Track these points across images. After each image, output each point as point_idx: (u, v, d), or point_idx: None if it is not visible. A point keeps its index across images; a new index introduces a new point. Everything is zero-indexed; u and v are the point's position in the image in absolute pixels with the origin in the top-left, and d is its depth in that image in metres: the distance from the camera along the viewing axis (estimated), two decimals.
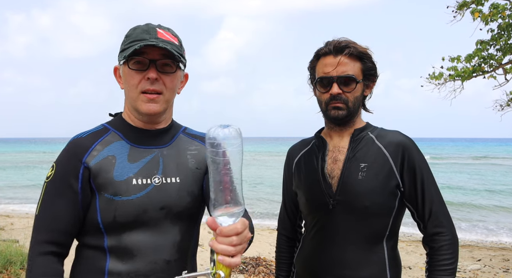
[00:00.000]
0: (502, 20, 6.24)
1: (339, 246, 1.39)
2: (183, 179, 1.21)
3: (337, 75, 1.38)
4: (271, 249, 5.96)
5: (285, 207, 1.66)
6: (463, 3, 6.71)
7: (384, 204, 1.36)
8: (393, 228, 1.40)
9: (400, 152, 1.37)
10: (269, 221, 9.25)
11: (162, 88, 1.15)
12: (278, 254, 1.66)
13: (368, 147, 1.41)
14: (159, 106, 1.16)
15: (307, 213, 1.51)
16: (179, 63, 1.19)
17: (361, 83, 1.42)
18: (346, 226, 1.38)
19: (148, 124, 1.22)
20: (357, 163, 1.39)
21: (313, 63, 1.49)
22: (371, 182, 1.35)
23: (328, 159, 1.46)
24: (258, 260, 5.17)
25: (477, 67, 6.81)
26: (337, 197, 1.38)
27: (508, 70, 6.88)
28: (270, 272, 4.76)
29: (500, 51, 6.61)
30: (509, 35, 6.32)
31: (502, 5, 6.14)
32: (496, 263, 5.89)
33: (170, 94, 1.19)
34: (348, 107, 1.40)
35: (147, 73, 1.13)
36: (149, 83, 1.13)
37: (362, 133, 1.46)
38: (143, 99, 1.15)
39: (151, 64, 1.13)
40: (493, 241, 7.85)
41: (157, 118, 1.21)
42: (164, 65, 1.16)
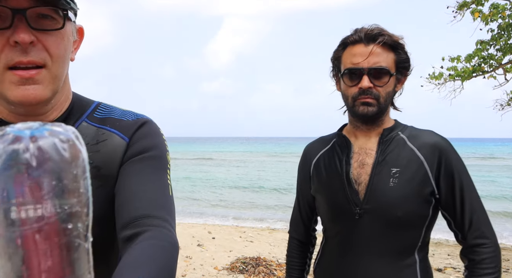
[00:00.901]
0: (502, 20, 6.24)
1: (366, 259, 1.24)
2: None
3: (368, 67, 1.20)
4: (271, 249, 5.97)
5: (299, 210, 1.50)
6: (463, 3, 6.71)
7: (417, 213, 1.21)
8: (425, 237, 1.25)
9: (436, 155, 1.21)
10: (269, 221, 9.25)
11: (44, 58, 0.69)
12: (290, 258, 1.52)
13: (400, 149, 1.25)
14: (42, 88, 0.70)
15: (328, 220, 1.36)
16: (67, 11, 0.72)
17: (394, 76, 1.25)
18: (374, 238, 1.23)
19: (28, 118, 0.75)
20: (387, 168, 1.23)
21: (339, 53, 1.30)
22: (404, 189, 1.20)
23: (354, 162, 1.29)
24: (258, 260, 5.17)
25: (477, 67, 6.81)
26: (365, 206, 1.23)
27: (508, 70, 6.88)
28: (270, 272, 4.76)
29: (500, 51, 6.62)
30: (509, 35, 6.32)
31: (502, 5, 6.14)
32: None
33: (59, 66, 0.72)
34: (379, 104, 1.22)
35: (13, 33, 0.66)
36: (19, 52, 0.67)
37: (392, 133, 1.28)
38: (13, 80, 0.68)
39: (17, 18, 0.66)
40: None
41: (41, 107, 0.75)
42: (40, 17, 0.69)
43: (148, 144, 0.81)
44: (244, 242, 6.35)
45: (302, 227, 1.50)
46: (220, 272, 4.82)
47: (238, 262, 5.07)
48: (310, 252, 1.51)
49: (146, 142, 0.81)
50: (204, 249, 5.82)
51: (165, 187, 0.77)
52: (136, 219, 0.69)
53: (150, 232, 0.67)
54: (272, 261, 5.24)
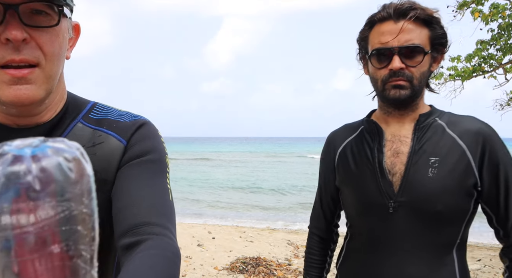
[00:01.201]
0: (502, 20, 6.24)
1: (399, 258, 1.13)
2: None
3: (399, 46, 1.08)
4: (271, 249, 5.97)
5: (320, 203, 1.38)
6: (463, 3, 6.71)
7: (458, 207, 1.09)
8: (464, 234, 1.13)
9: (480, 143, 1.08)
10: (269, 221, 9.25)
11: (37, 57, 0.66)
12: (308, 255, 1.42)
13: (438, 137, 1.12)
14: (36, 88, 0.66)
15: (355, 215, 1.24)
16: (63, 7, 0.68)
17: (428, 55, 1.11)
18: (410, 234, 1.12)
19: (21, 119, 0.72)
20: (425, 157, 1.11)
21: (365, 32, 1.18)
22: (445, 181, 1.08)
23: (387, 150, 1.17)
24: (258, 260, 5.17)
25: (477, 67, 6.81)
26: (400, 198, 1.12)
27: (508, 70, 6.88)
28: (270, 272, 4.76)
29: (500, 51, 6.62)
30: (509, 35, 6.32)
31: (502, 5, 6.14)
32: (496, 263, 5.88)
33: (53, 65, 0.68)
34: (412, 86, 1.10)
35: (5, 30, 0.62)
36: (11, 50, 0.63)
37: (429, 119, 1.16)
38: (4, 79, 0.64)
39: (8, 13, 0.62)
40: (493, 241, 7.84)
41: (34, 108, 0.71)
42: (34, 13, 0.65)
43: (146, 147, 0.77)
44: (244, 242, 6.34)
45: (323, 222, 1.39)
46: (220, 272, 4.82)
47: (238, 262, 5.07)
48: (331, 250, 1.40)
49: (144, 144, 0.78)
50: (204, 249, 5.82)
51: (165, 191, 0.75)
52: (136, 227, 0.67)
53: (151, 241, 0.64)
54: (272, 261, 5.24)
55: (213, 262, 5.16)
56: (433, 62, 1.16)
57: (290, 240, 6.56)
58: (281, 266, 5.01)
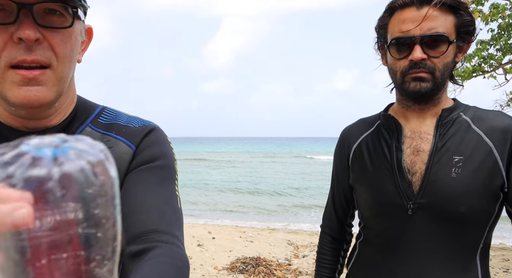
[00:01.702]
0: (502, 20, 6.24)
1: (417, 263, 1.05)
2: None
3: (421, 34, 0.99)
4: (271, 249, 5.97)
5: (333, 203, 1.31)
6: None
7: (482, 210, 1.01)
8: (487, 239, 1.06)
9: (508, 141, 1.00)
10: (269, 221, 9.25)
11: (49, 58, 0.64)
12: (320, 256, 1.34)
13: (463, 134, 1.04)
14: (46, 90, 0.65)
15: (370, 216, 1.17)
16: (77, 8, 0.67)
17: (453, 44, 1.02)
18: (429, 237, 1.04)
19: (30, 122, 0.71)
20: (449, 155, 1.03)
21: (385, 20, 1.08)
22: (469, 181, 1.00)
23: (406, 148, 1.09)
24: (258, 260, 5.17)
25: (477, 67, 6.81)
26: (420, 200, 1.04)
27: (508, 70, 6.89)
28: (270, 272, 4.76)
29: (500, 51, 6.62)
30: (509, 35, 6.32)
31: (502, 5, 6.14)
32: (496, 263, 5.88)
33: (65, 67, 0.68)
34: (434, 78, 1.02)
35: (18, 29, 0.61)
36: (23, 50, 0.62)
37: (453, 114, 1.07)
38: (15, 79, 0.63)
39: (22, 12, 0.61)
40: (493, 241, 7.85)
41: (44, 110, 0.70)
42: (47, 13, 0.64)
43: (155, 153, 0.77)
44: (244, 242, 6.34)
45: (335, 222, 1.32)
46: (220, 272, 4.82)
47: (238, 262, 5.07)
48: (344, 250, 1.34)
49: (153, 150, 0.77)
50: (204, 249, 5.82)
51: (173, 198, 0.74)
52: (144, 234, 0.66)
53: (159, 249, 0.63)
54: (272, 261, 5.24)
55: (213, 262, 5.16)
56: (458, 53, 1.07)
57: (290, 240, 6.56)
58: (281, 266, 5.01)
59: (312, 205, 11.72)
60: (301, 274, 4.82)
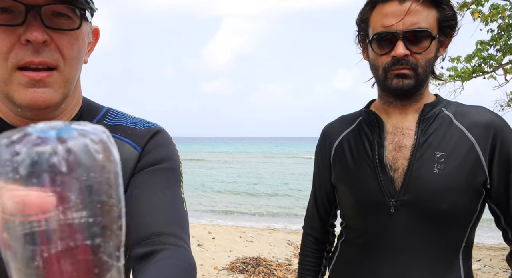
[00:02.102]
0: (502, 21, 6.25)
1: (400, 262, 1.03)
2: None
3: (403, 30, 0.97)
4: (271, 249, 5.97)
5: (315, 202, 1.29)
6: (463, 4, 6.71)
7: (465, 207, 0.99)
8: (470, 238, 1.04)
9: (490, 136, 0.98)
10: (269, 221, 9.25)
11: (56, 60, 0.64)
12: (303, 257, 1.32)
13: (445, 129, 1.03)
14: (53, 92, 0.65)
15: (352, 215, 1.15)
16: (85, 10, 0.67)
17: (436, 40, 1.00)
18: (411, 236, 1.02)
19: (35, 122, 0.59)
20: (431, 151, 1.01)
21: (366, 13, 1.06)
22: (452, 177, 0.98)
23: (388, 144, 1.07)
24: (258, 260, 5.17)
25: (477, 67, 6.83)
26: (402, 197, 1.02)
27: (508, 71, 6.90)
28: (270, 272, 4.77)
29: (500, 52, 6.63)
30: (509, 36, 6.33)
31: (502, 6, 6.15)
32: (496, 263, 5.89)
33: (72, 68, 0.67)
34: (417, 75, 1.00)
35: (26, 31, 0.61)
36: (31, 52, 0.62)
37: (435, 109, 1.06)
38: (22, 81, 0.63)
39: (30, 14, 0.61)
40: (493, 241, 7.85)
41: (50, 112, 0.70)
42: (55, 15, 0.64)
43: (161, 155, 0.77)
44: (244, 242, 6.35)
45: (318, 222, 1.30)
46: (220, 272, 4.82)
47: (238, 262, 5.08)
48: (326, 251, 1.32)
49: (159, 152, 0.77)
50: (204, 249, 5.82)
51: (179, 201, 0.73)
52: (150, 236, 0.66)
53: (166, 251, 0.63)
54: (272, 261, 5.25)
55: (213, 262, 5.16)
56: (440, 47, 1.05)
57: (290, 240, 6.56)
58: (281, 266, 5.01)
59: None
60: None
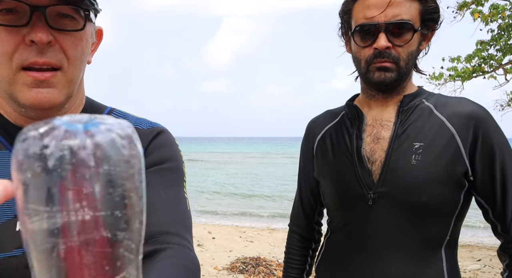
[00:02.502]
0: (502, 21, 6.25)
1: (381, 256, 1.01)
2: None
3: (386, 21, 0.96)
4: (271, 249, 5.97)
5: (300, 198, 1.27)
6: (463, 4, 6.72)
7: (446, 199, 0.97)
8: (454, 231, 1.01)
9: (471, 127, 0.96)
10: (268, 221, 9.25)
11: (60, 60, 0.64)
12: (288, 256, 1.29)
13: (424, 119, 1.01)
14: (57, 92, 0.65)
15: (334, 209, 1.13)
16: (89, 11, 0.67)
17: (418, 32, 0.99)
18: (391, 229, 1.00)
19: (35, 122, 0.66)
20: (409, 142, 0.99)
21: (348, 5, 1.04)
22: (429, 168, 0.96)
23: (367, 136, 1.06)
24: (258, 260, 5.17)
25: (477, 67, 6.83)
26: (380, 189, 1.00)
27: (508, 71, 6.89)
28: (270, 272, 4.77)
29: (500, 52, 6.63)
30: (509, 36, 6.33)
31: (502, 6, 6.15)
32: (496, 263, 5.89)
33: (75, 69, 0.67)
34: (398, 68, 0.99)
35: (30, 32, 0.61)
36: (35, 52, 0.62)
37: (415, 100, 1.04)
38: (26, 81, 0.63)
39: (35, 15, 0.61)
40: (493, 241, 7.84)
41: (54, 112, 0.69)
42: (60, 16, 0.64)
43: (164, 155, 0.77)
44: (244, 242, 6.35)
45: (303, 219, 1.27)
46: (220, 272, 4.82)
47: (238, 262, 5.08)
48: (312, 249, 1.29)
49: (162, 152, 0.77)
50: (204, 249, 5.82)
51: (183, 201, 0.74)
52: (154, 235, 0.66)
53: (171, 250, 0.63)
54: (272, 261, 5.25)
55: (213, 262, 5.16)
56: (423, 40, 1.04)
57: None
58: (281, 266, 5.01)
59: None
60: None
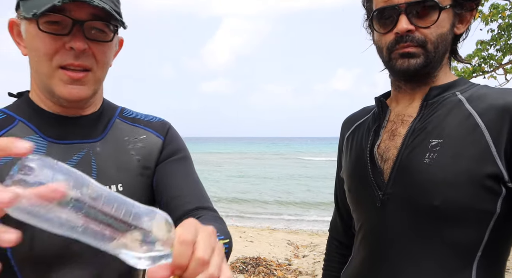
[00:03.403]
0: (502, 20, 6.24)
1: (391, 266, 0.89)
2: (128, 186, 0.85)
3: (406, 2, 0.85)
4: (271, 249, 5.97)
5: (336, 202, 1.19)
6: None
7: (470, 206, 0.80)
8: (491, 244, 0.82)
9: (506, 121, 0.79)
10: (268, 221, 9.25)
11: (91, 63, 0.79)
12: (327, 263, 1.21)
13: (451, 114, 0.86)
14: (86, 89, 0.80)
15: (353, 209, 1.04)
16: (118, 27, 0.82)
17: (448, 11, 0.86)
18: (402, 234, 0.88)
19: (69, 110, 0.85)
20: (425, 139, 0.87)
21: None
22: (446, 168, 0.82)
23: (384, 132, 0.96)
24: (258, 260, 5.17)
25: (477, 67, 6.82)
26: (389, 190, 0.90)
27: (508, 71, 6.89)
28: (270, 272, 4.76)
29: (500, 52, 6.62)
30: (509, 36, 6.33)
31: (502, 5, 6.14)
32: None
33: (102, 71, 0.83)
34: (426, 52, 0.86)
35: (71, 40, 0.75)
36: (72, 56, 0.76)
37: (446, 93, 0.90)
38: (63, 78, 0.77)
39: (75, 27, 0.75)
40: None
41: (82, 104, 0.85)
42: (94, 29, 0.78)
43: (179, 146, 0.95)
44: (244, 242, 6.34)
45: (340, 225, 1.17)
46: None
47: (238, 262, 5.07)
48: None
49: (177, 143, 0.95)
50: None
51: (200, 182, 0.91)
52: (191, 211, 0.81)
53: (207, 214, 0.81)
54: (272, 261, 5.24)
55: None
56: (459, 22, 0.90)
57: (290, 240, 6.56)
58: (281, 266, 5.01)
59: (312, 205, 11.72)
60: (301, 274, 4.82)
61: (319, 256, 5.54)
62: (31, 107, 0.84)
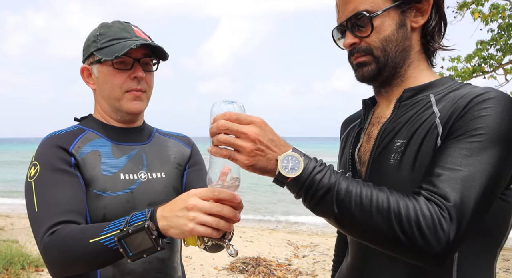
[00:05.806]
0: (502, 20, 6.24)
1: (371, 265, 0.91)
2: (168, 174, 1.20)
3: (346, 19, 0.90)
4: (271, 249, 5.96)
5: None
6: (463, 4, 6.71)
7: None
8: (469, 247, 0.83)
9: (457, 111, 0.80)
10: (268, 221, 9.24)
11: (145, 87, 1.16)
12: (335, 264, 1.22)
13: (419, 115, 0.86)
14: (143, 104, 1.18)
15: None
16: (160, 60, 1.20)
17: (388, 12, 0.87)
18: None
19: (124, 123, 1.20)
20: (392, 139, 0.88)
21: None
22: (409, 168, 0.82)
23: (364, 135, 0.98)
24: (258, 260, 5.17)
25: (477, 67, 6.81)
26: None
27: (508, 71, 6.88)
28: (270, 272, 4.76)
29: (500, 52, 6.62)
30: (509, 36, 6.32)
31: (502, 5, 6.14)
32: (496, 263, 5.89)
33: (150, 91, 1.20)
34: (375, 58, 0.90)
35: (133, 72, 1.12)
36: (136, 83, 1.13)
37: (419, 96, 0.90)
38: (129, 98, 1.13)
39: (135, 63, 1.12)
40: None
41: (138, 116, 1.21)
42: (145, 63, 1.15)
43: (200, 160, 1.32)
44: (244, 242, 6.34)
45: None
46: (220, 272, 4.82)
47: (238, 262, 5.07)
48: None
49: (200, 158, 1.33)
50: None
51: None
52: None
53: None
54: (272, 261, 5.24)
55: (213, 262, 5.15)
56: (415, 16, 0.90)
57: (290, 240, 6.56)
58: (281, 266, 5.01)
59: None
60: (301, 274, 4.82)
61: (319, 256, 5.54)
62: (96, 122, 1.20)
